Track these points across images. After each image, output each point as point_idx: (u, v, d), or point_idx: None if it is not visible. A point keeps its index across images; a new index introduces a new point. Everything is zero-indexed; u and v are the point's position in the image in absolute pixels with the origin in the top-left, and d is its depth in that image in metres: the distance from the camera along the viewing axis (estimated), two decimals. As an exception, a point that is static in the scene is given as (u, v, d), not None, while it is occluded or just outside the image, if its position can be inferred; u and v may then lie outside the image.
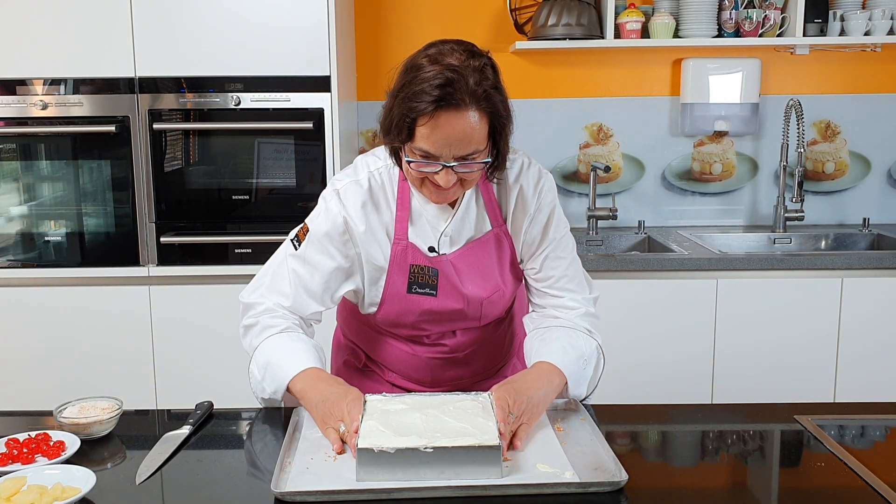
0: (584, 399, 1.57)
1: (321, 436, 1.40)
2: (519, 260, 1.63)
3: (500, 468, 1.25)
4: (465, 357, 1.68)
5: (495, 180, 1.57)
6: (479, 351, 1.68)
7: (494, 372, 1.74)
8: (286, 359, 1.50)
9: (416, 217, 1.56)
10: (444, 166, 1.40)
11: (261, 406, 1.59)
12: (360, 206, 1.54)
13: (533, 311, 1.68)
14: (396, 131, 1.40)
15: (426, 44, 1.44)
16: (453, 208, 1.57)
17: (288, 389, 1.48)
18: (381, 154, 1.57)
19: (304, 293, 1.57)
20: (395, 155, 1.48)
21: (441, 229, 1.57)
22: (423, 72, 1.36)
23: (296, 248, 1.58)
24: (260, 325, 1.57)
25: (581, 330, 1.59)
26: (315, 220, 1.57)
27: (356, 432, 1.29)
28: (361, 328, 1.73)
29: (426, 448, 1.24)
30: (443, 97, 1.34)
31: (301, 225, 1.60)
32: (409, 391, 1.71)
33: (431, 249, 1.57)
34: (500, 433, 1.30)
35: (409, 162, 1.42)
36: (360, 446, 1.24)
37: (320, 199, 1.60)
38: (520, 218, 1.59)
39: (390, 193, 1.56)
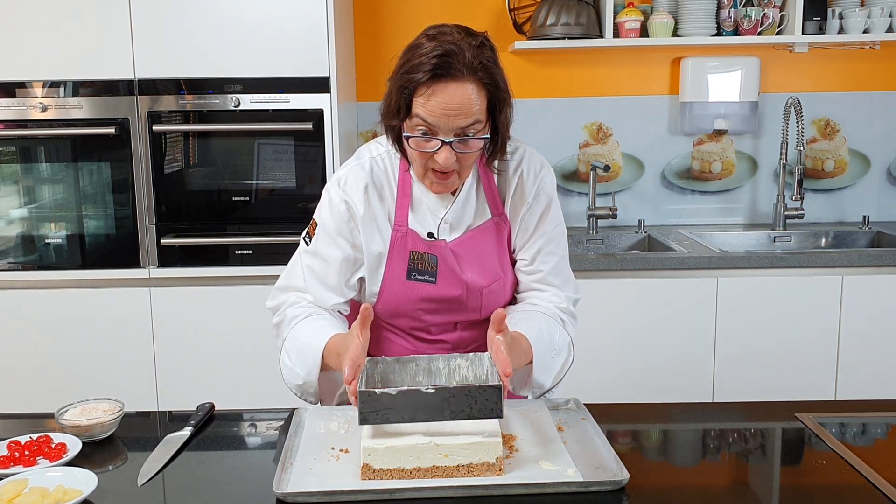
0: (545, 392, 1.58)
1: (324, 433, 1.41)
2: (512, 248, 1.63)
3: (502, 408, 1.25)
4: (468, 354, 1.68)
5: (495, 169, 1.58)
6: (481, 349, 1.68)
7: None
8: (313, 336, 1.51)
9: (417, 204, 1.58)
10: (443, 142, 1.40)
11: (297, 394, 1.58)
12: (363, 190, 1.56)
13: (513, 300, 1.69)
14: (395, 107, 1.42)
15: (425, 28, 1.47)
16: (454, 195, 1.58)
17: (324, 365, 1.50)
18: (383, 141, 1.59)
19: (321, 287, 1.59)
20: (398, 141, 1.49)
21: (441, 216, 1.58)
22: (421, 49, 1.40)
23: (307, 245, 1.61)
24: (286, 320, 1.59)
25: (557, 320, 1.60)
26: (321, 213, 1.60)
27: (353, 380, 1.28)
28: None
29: (427, 389, 1.24)
30: (440, 66, 1.36)
31: (311, 221, 1.62)
32: None
33: (430, 235, 1.58)
34: (502, 377, 1.29)
35: (407, 138, 1.43)
36: (361, 389, 1.24)
37: (324, 192, 1.62)
38: (518, 205, 1.60)
39: (392, 179, 1.58)
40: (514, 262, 1.65)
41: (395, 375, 1.40)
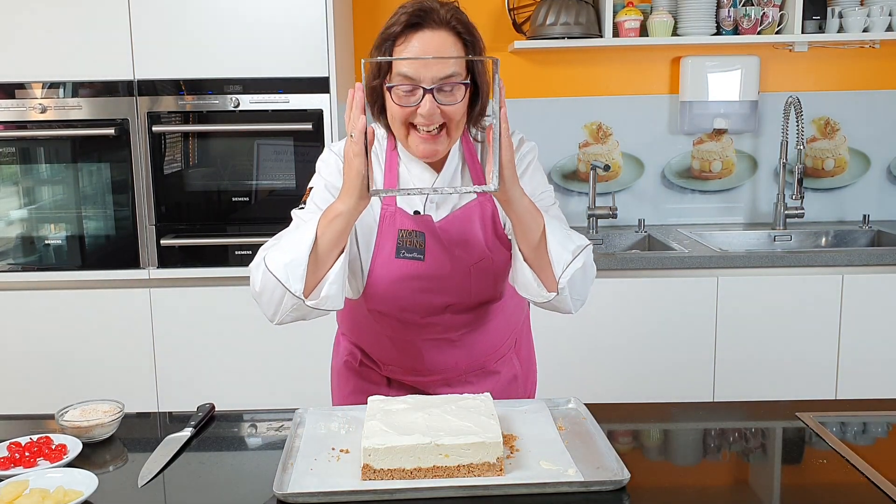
0: (566, 271, 1.47)
1: (325, 434, 1.41)
2: (503, 224, 1.62)
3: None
4: (460, 338, 1.66)
5: (479, 138, 1.60)
6: (473, 334, 1.67)
7: (493, 362, 1.74)
8: (299, 231, 1.45)
9: (403, 183, 1.59)
10: (425, 91, 1.43)
11: (280, 280, 1.42)
12: None
13: None
14: (377, 65, 1.49)
15: None
16: (438, 173, 1.59)
17: (321, 234, 1.41)
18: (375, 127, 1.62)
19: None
20: (381, 111, 1.52)
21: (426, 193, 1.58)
22: (399, 10, 1.49)
23: (301, 210, 1.59)
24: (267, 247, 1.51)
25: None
26: (314, 179, 1.62)
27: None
28: (358, 321, 1.72)
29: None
30: (416, 16, 1.45)
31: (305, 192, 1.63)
32: (406, 385, 1.71)
33: (416, 213, 1.59)
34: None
35: (390, 88, 1.45)
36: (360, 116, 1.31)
37: (316, 164, 1.64)
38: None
39: (382, 158, 1.61)
40: (506, 242, 1.62)
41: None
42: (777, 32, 3.14)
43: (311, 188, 1.61)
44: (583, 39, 3.06)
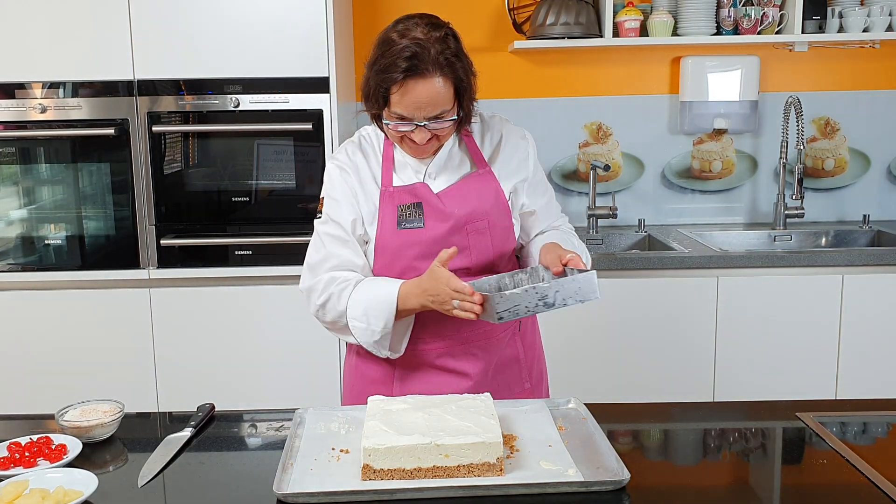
0: None
1: (324, 434, 1.41)
2: (507, 197, 1.74)
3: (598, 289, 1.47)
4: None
5: (471, 129, 1.76)
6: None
7: (496, 332, 1.74)
8: (379, 292, 1.62)
9: (400, 167, 1.73)
10: (417, 125, 1.60)
11: (371, 350, 1.66)
12: (352, 154, 1.75)
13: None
14: (374, 100, 1.63)
15: (395, 19, 1.64)
16: (433, 155, 1.71)
17: (398, 313, 1.61)
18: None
19: (340, 245, 1.69)
20: (377, 119, 1.68)
21: (424, 170, 1.71)
22: (393, 46, 1.57)
23: (320, 218, 1.73)
24: (335, 294, 1.66)
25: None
26: (325, 188, 1.76)
27: (472, 294, 1.48)
28: None
29: (545, 282, 1.47)
30: (409, 68, 1.55)
31: (319, 200, 1.76)
32: (415, 360, 1.71)
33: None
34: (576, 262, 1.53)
35: (386, 124, 1.63)
36: (491, 293, 1.44)
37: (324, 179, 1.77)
38: (509, 156, 1.76)
39: (378, 148, 1.76)
40: (506, 211, 1.74)
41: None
42: (777, 32, 3.14)
43: (323, 198, 1.75)
44: (583, 39, 3.06)
